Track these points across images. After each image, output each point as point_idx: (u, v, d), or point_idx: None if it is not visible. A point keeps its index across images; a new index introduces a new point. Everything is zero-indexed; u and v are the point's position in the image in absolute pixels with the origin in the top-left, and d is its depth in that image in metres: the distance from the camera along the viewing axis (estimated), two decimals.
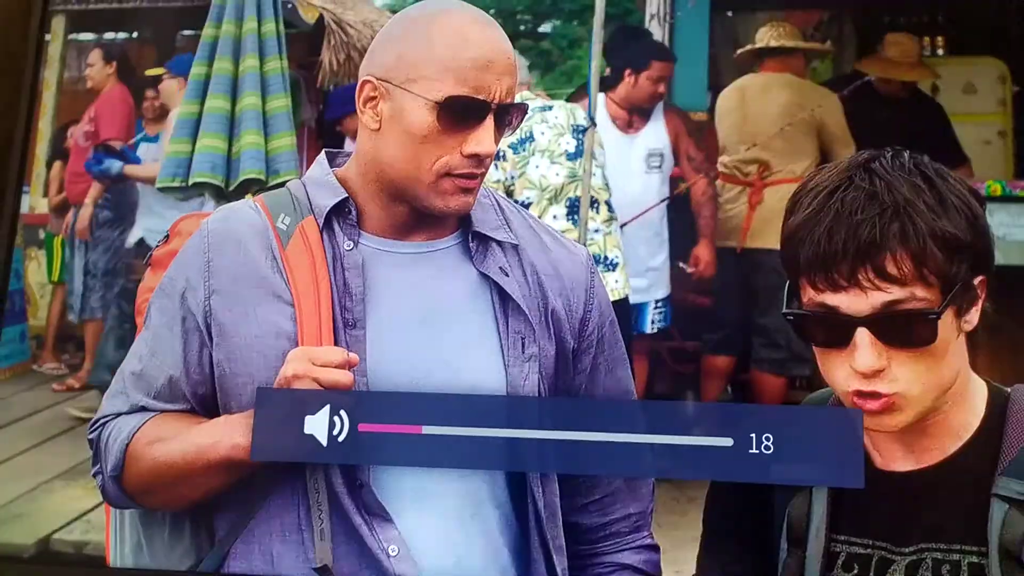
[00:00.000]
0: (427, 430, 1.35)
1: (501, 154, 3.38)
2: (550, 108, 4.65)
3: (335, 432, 1.36)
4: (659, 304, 5.10)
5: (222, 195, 4.70)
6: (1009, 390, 1.40)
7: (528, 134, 4.66)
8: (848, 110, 5.36)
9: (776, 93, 5.23)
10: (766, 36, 5.45)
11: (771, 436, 1.28)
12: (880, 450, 1.38)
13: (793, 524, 1.40)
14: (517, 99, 1.49)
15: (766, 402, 4.85)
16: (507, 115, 1.52)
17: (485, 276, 1.56)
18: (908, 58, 5.60)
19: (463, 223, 1.61)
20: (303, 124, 6.99)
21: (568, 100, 5.61)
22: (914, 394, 1.29)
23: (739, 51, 5.72)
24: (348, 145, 5.40)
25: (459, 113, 1.47)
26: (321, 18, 6.18)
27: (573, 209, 4.56)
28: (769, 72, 5.36)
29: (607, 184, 4.75)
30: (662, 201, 5.07)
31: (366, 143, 1.55)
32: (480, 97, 1.47)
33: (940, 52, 6.89)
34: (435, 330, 1.52)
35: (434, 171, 1.49)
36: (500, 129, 1.52)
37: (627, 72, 4.98)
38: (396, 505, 1.47)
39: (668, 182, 5.12)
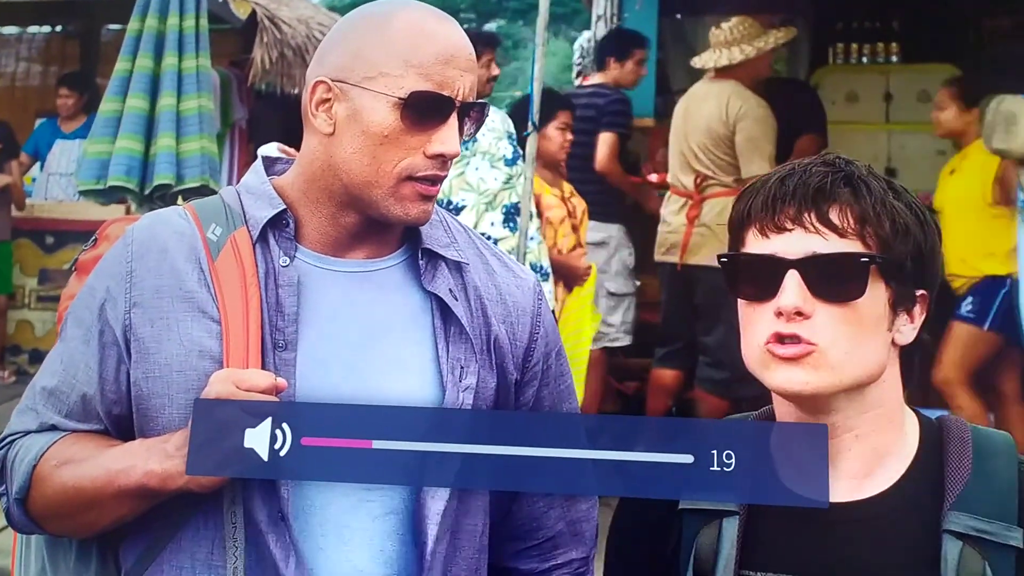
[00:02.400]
0: (377, 444, 1.29)
1: None
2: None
3: (277, 446, 1.28)
4: None
5: (145, 202, 4.60)
6: (935, 419, 1.38)
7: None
8: None
9: (708, 104, 5.22)
10: (714, 43, 5.39)
11: (732, 453, 1.24)
12: None
13: (701, 555, 1.35)
14: None
15: None
16: (469, 114, 1.47)
17: (427, 298, 1.51)
18: None
19: (408, 239, 1.55)
20: (233, 124, 6.90)
21: None
22: (834, 355, 1.26)
23: (692, 63, 5.68)
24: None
25: (424, 111, 1.41)
26: (254, 14, 6.11)
27: (509, 216, 4.54)
28: (715, 80, 5.34)
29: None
30: None
31: (316, 149, 1.48)
32: (445, 93, 1.42)
33: (894, 59, 7.03)
34: (370, 355, 1.46)
35: (395, 174, 1.42)
36: (461, 129, 1.47)
37: None
38: (317, 542, 1.42)
39: None
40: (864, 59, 7.31)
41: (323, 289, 1.49)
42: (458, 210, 4.36)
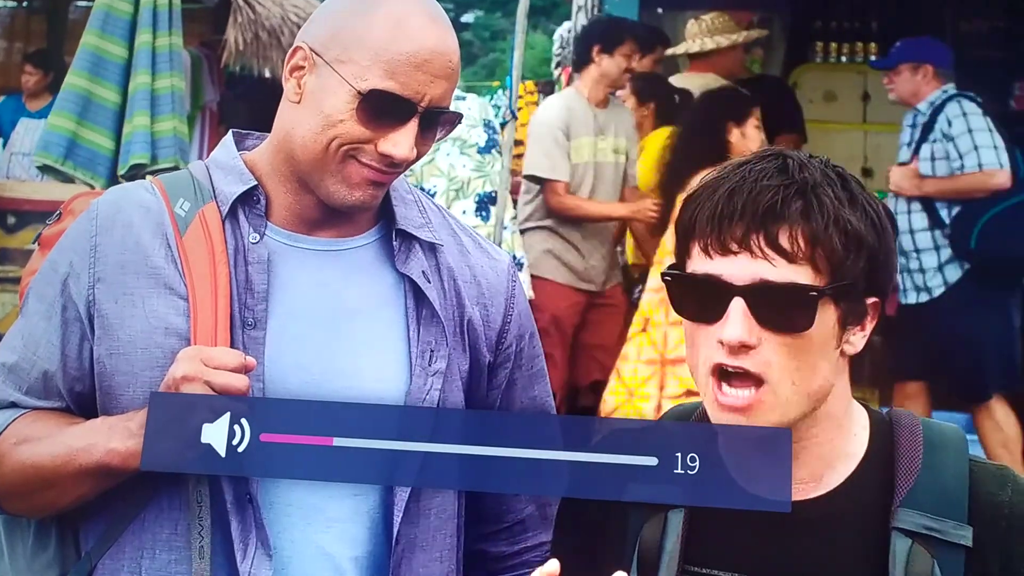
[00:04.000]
0: (339, 442, 1.27)
1: None
2: (463, 98, 4.61)
3: (235, 442, 1.27)
4: None
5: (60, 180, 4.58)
6: (886, 413, 1.37)
7: None
8: None
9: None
10: (692, 33, 5.46)
11: (696, 456, 1.23)
12: None
13: (644, 549, 1.34)
14: None
15: None
16: (436, 122, 1.44)
17: (400, 279, 1.50)
18: None
19: (382, 218, 1.54)
20: (204, 106, 6.84)
21: None
22: (780, 392, 1.23)
23: (667, 52, 5.75)
24: None
25: (381, 110, 1.39)
26: None
27: (482, 205, 4.53)
28: (693, 73, 5.38)
29: (509, 179, 4.73)
30: None
31: (283, 116, 1.47)
32: (406, 96, 1.39)
33: (873, 59, 7.07)
34: (340, 335, 1.46)
35: (341, 153, 1.40)
36: (427, 135, 1.44)
37: None
38: (282, 523, 1.41)
39: None
40: (843, 58, 7.36)
41: (293, 267, 1.47)
42: (429, 196, 4.36)
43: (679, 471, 1.24)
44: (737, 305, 1.23)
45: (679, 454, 1.24)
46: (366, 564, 1.45)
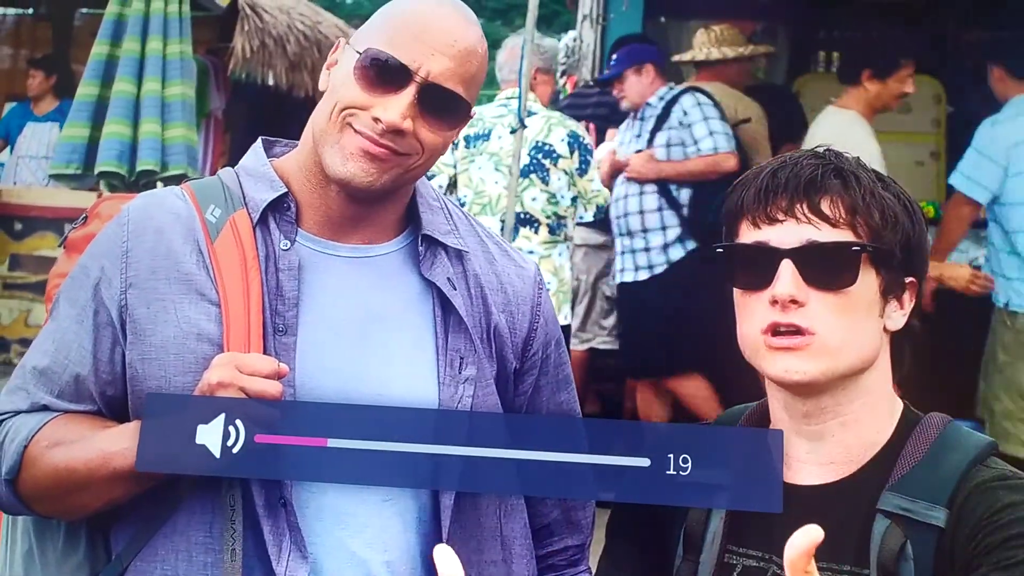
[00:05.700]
0: (333, 443, 1.28)
1: (456, 141, 2.98)
2: (531, 114, 4.53)
3: (229, 443, 1.28)
4: None
5: (121, 187, 4.59)
6: (924, 415, 1.42)
7: (486, 132, 4.61)
8: None
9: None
10: (700, 42, 5.51)
11: (688, 457, 1.25)
12: (788, 461, 1.39)
13: (689, 530, 1.41)
14: (508, 94, 1.47)
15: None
16: (438, 101, 1.44)
17: (427, 286, 1.52)
18: None
19: (410, 224, 1.56)
20: (209, 114, 6.87)
21: None
22: (831, 342, 1.32)
23: (675, 58, 5.79)
24: None
25: (377, 72, 1.43)
26: (234, 1, 6.09)
27: (516, 229, 4.48)
28: (701, 81, 5.41)
29: (556, 205, 4.69)
30: None
31: (312, 114, 1.52)
32: (402, 62, 1.42)
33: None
34: (369, 341, 1.47)
35: (340, 119, 1.44)
36: (429, 115, 1.44)
37: None
38: (313, 526, 1.42)
39: None
40: None
41: (323, 273, 1.49)
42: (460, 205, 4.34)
43: (671, 472, 1.26)
44: (786, 265, 1.34)
45: (671, 455, 1.26)
46: (399, 569, 1.46)
